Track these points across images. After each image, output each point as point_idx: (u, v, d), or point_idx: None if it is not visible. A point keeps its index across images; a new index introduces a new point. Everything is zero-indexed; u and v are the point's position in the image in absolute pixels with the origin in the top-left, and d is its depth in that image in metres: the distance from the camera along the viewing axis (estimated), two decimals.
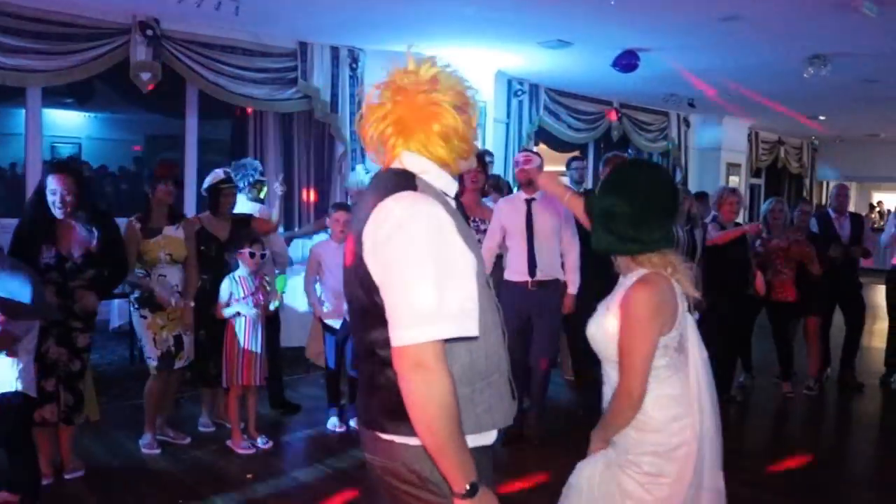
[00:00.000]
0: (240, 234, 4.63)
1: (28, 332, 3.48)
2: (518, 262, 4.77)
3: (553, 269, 4.79)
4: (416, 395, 1.60)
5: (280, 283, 4.54)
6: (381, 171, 1.81)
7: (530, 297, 4.74)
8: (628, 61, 7.37)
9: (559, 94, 9.85)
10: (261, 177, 5.65)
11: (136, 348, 5.66)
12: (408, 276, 1.60)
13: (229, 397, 4.65)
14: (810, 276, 6.10)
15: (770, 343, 6.49)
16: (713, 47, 7.24)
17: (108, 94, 7.43)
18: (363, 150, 7.53)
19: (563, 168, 7.75)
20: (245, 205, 5.37)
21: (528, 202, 4.76)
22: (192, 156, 7.31)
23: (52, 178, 3.94)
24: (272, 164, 7.44)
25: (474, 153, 1.85)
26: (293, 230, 7.37)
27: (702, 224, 5.79)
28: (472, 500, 1.66)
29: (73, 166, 4.26)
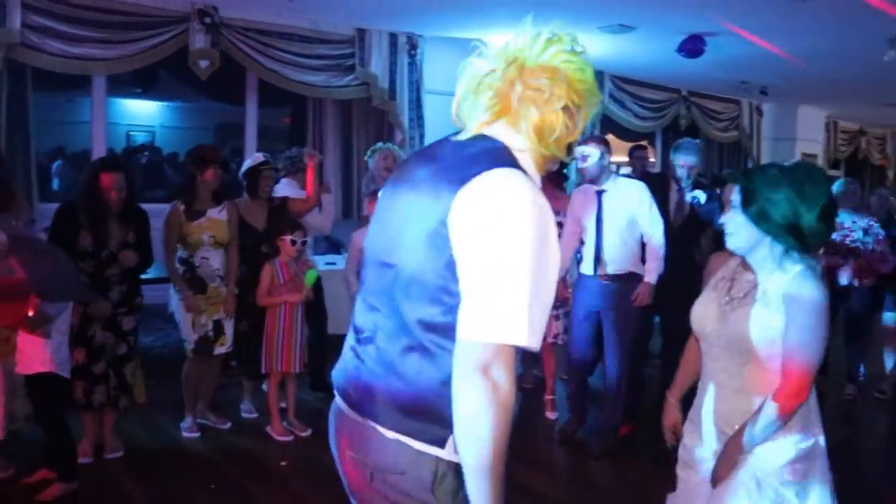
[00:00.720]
0: (281, 221, 4.62)
1: (61, 313, 3.53)
2: (588, 255, 4.60)
3: (627, 263, 4.52)
4: (477, 402, 1.37)
5: (310, 277, 4.49)
6: (474, 136, 1.57)
7: (599, 291, 4.54)
8: (694, 46, 7.11)
9: (624, 81, 9.59)
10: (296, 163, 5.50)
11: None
12: (510, 270, 1.39)
13: (269, 383, 4.65)
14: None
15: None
16: (785, 30, 6.92)
17: (174, 82, 7.57)
18: (422, 137, 7.58)
19: (625, 158, 7.57)
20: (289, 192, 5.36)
21: (599, 194, 4.54)
22: (251, 144, 7.37)
23: (105, 175, 4.01)
24: (331, 151, 7.43)
25: (562, 157, 1.61)
26: (352, 216, 7.37)
27: None
28: None
29: (122, 161, 4.32)
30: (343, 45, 7.18)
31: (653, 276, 4.46)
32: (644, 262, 4.55)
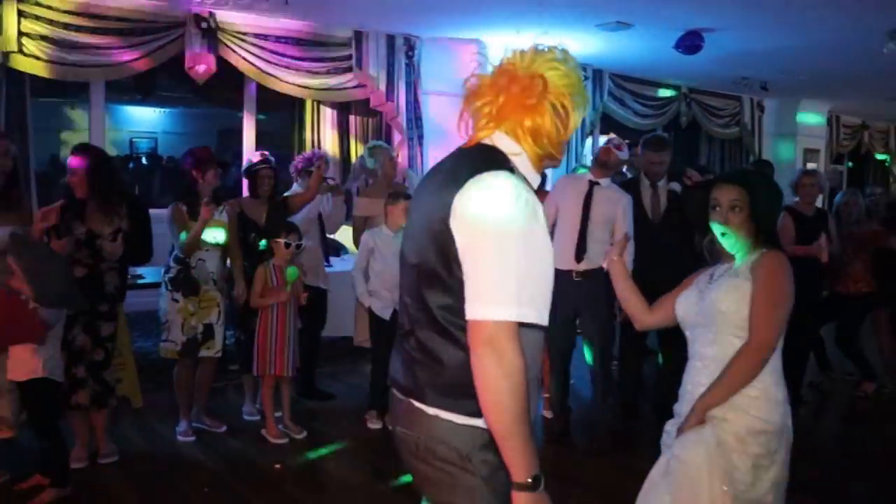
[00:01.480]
0: (276, 222, 4.62)
1: (59, 320, 3.54)
2: (566, 247, 4.53)
3: (599, 259, 4.56)
4: (487, 371, 1.58)
5: (291, 274, 4.48)
6: (469, 146, 1.80)
7: (576, 287, 4.53)
8: (692, 42, 7.08)
9: (624, 79, 9.56)
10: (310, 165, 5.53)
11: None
12: (499, 253, 1.59)
13: (263, 387, 4.65)
14: (882, 265, 5.75)
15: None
16: (782, 25, 6.88)
17: (173, 88, 7.59)
18: (420, 137, 7.58)
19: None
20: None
21: (592, 184, 4.56)
22: (250, 147, 7.36)
23: (69, 158, 4.04)
24: (329, 153, 7.43)
25: (559, 159, 1.83)
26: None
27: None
28: (533, 494, 1.60)
29: (92, 148, 4.31)
30: (340, 48, 7.19)
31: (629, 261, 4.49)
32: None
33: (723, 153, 11.28)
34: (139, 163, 12.46)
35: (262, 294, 4.50)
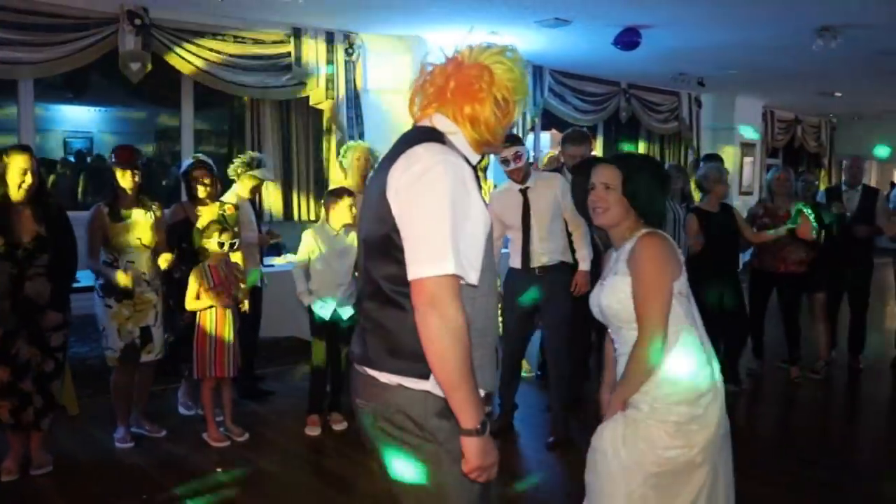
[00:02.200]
0: (209, 224, 4.55)
1: None
2: (517, 252, 4.63)
3: (556, 254, 4.60)
4: (431, 327, 1.67)
5: (253, 276, 4.42)
6: (414, 126, 1.93)
7: (537, 280, 4.57)
8: (629, 39, 7.18)
9: (564, 75, 9.64)
10: (245, 166, 5.38)
11: None
12: (430, 215, 1.69)
13: (203, 389, 4.57)
14: (817, 251, 5.91)
15: (772, 325, 6.31)
16: (717, 22, 7.01)
17: (107, 87, 7.38)
18: (361, 135, 7.52)
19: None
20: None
21: (524, 192, 4.58)
22: (188, 147, 7.22)
23: (16, 157, 3.85)
24: (270, 152, 7.33)
25: (498, 146, 1.96)
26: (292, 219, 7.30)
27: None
28: (480, 438, 1.72)
29: (29, 147, 4.13)
30: (278, 45, 7.09)
31: (586, 264, 4.58)
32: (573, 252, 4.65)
33: (662, 148, 11.47)
34: (71, 163, 12.12)
35: (199, 296, 4.41)
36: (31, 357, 3.91)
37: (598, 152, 10.50)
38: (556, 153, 6.57)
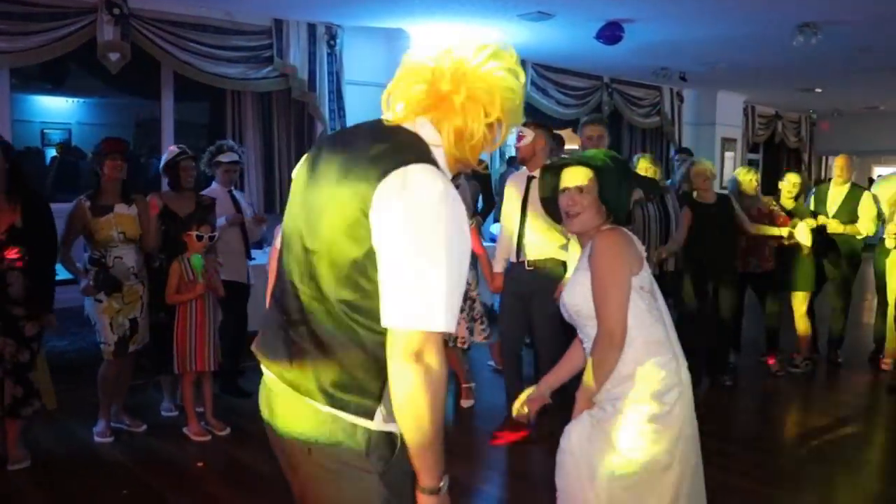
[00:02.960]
0: (189, 216, 4.51)
1: None
2: (512, 241, 4.61)
3: (549, 249, 4.54)
4: (413, 384, 1.49)
5: (196, 262, 4.37)
6: (392, 125, 1.66)
7: (528, 275, 4.55)
8: (612, 33, 7.17)
9: (546, 69, 9.64)
10: (211, 155, 5.35)
11: None
12: (425, 262, 1.48)
13: (183, 383, 4.54)
14: (795, 250, 5.96)
15: (748, 320, 6.35)
16: (699, 17, 7.04)
17: (86, 77, 7.28)
18: (343, 128, 7.45)
19: None
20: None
21: (529, 178, 4.54)
22: (169, 139, 7.14)
23: None
24: (251, 145, 7.29)
25: (475, 164, 1.72)
26: (275, 211, 7.24)
27: (674, 193, 5.68)
28: (439, 496, 1.59)
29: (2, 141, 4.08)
30: (260, 37, 7.02)
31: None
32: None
33: (644, 142, 11.50)
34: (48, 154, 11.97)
35: (179, 289, 4.37)
36: (4, 348, 3.85)
37: (576, 147, 10.53)
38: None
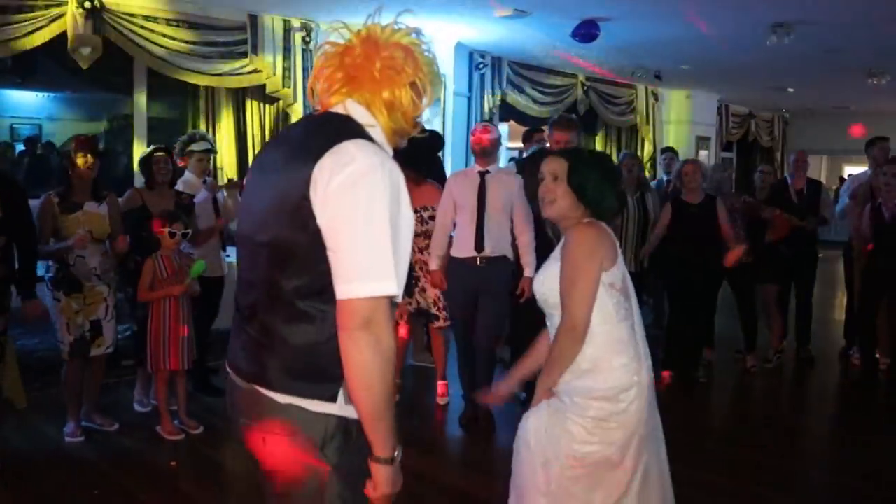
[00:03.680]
0: (160, 212, 4.46)
1: None
2: (466, 237, 4.64)
3: (502, 246, 4.64)
4: (363, 353, 1.52)
5: (196, 268, 4.33)
6: (323, 113, 1.73)
7: (478, 273, 4.60)
8: (588, 31, 7.19)
9: (523, 66, 9.66)
10: (194, 144, 5.30)
11: None
12: (367, 228, 1.53)
13: (157, 382, 4.49)
14: (767, 243, 6.02)
15: (722, 316, 6.41)
16: (674, 16, 7.07)
17: (57, 72, 7.17)
18: None
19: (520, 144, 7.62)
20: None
21: (482, 174, 4.61)
22: (142, 134, 7.07)
23: None
24: (225, 141, 7.23)
25: (413, 132, 1.79)
26: None
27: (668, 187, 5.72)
28: (392, 466, 1.62)
29: None
30: (234, 32, 6.96)
31: (531, 270, 4.48)
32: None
33: (619, 140, 11.56)
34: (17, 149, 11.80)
35: (153, 286, 4.32)
36: None
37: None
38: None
